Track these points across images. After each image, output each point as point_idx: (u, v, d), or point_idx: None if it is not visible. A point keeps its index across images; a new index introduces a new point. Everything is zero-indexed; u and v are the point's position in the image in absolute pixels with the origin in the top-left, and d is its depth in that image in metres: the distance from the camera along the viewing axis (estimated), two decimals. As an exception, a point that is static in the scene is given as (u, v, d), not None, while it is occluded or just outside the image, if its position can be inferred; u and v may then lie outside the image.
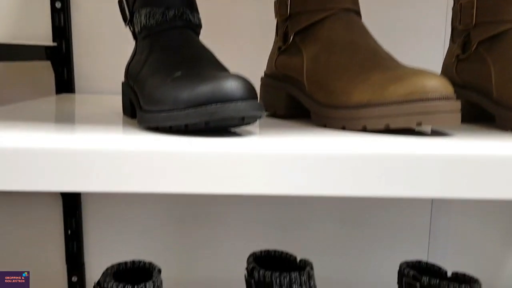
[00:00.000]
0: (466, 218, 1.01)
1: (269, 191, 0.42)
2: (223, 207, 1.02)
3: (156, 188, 0.42)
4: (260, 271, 0.66)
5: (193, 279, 1.04)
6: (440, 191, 0.42)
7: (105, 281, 0.64)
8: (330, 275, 1.03)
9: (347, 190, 0.42)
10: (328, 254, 1.02)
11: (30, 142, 0.42)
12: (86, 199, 1.02)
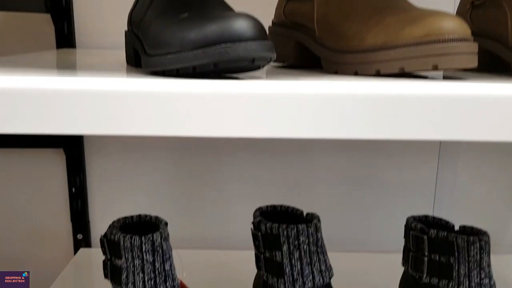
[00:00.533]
0: (472, 174, 1.00)
1: (276, 134, 0.41)
2: (228, 165, 1.01)
3: (160, 131, 0.41)
4: (267, 224, 0.66)
5: (199, 236, 1.05)
6: (452, 133, 0.41)
7: (112, 233, 0.63)
8: (336, 232, 1.03)
9: (357, 132, 0.41)
10: (334, 212, 1.02)
11: (31, 84, 0.40)
12: (90, 156, 1.01)
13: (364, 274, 0.91)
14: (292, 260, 0.64)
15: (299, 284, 0.64)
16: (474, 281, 0.63)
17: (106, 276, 0.65)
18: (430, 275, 0.67)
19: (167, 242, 0.63)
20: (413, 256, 0.69)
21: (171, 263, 0.63)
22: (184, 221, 1.03)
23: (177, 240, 1.02)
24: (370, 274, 0.91)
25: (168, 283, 0.61)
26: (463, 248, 0.63)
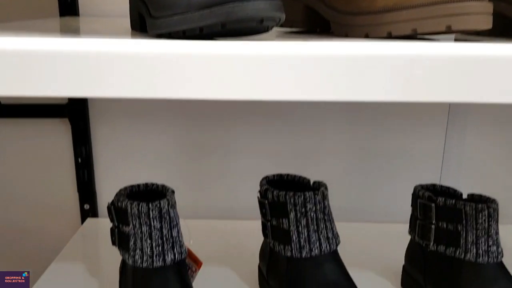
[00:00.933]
0: (480, 144, 0.99)
1: (284, 96, 0.40)
2: (235, 135, 1.00)
3: (165, 94, 0.40)
4: (274, 192, 0.66)
5: (205, 206, 1.05)
6: (463, 95, 0.40)
7: (119, 200, 0.63)
8: (343, 202, 1.03)
9: (367, 95, 0.40)
10: (341, 182, 1.02)
11: (34, 45, 0.39)
12: (95, 126, 1.01)
13: (370, 244, 0.92)
14: (299, 228, 0.64)
15: (306, 251, 0.64)
16: (482, 249, 0.62)
17: (114, 243, 0.66)
18: (437, 243, 0.67)
19: (174, 209, 0.63)
20: (420, 224, 0.69)
21: (179, 230, 0.63)
22: (190, 191, 1.04)
23: (183, 209, 1.02)
24: (377, 244, 0.91)
25: (176, 250, 0.61)
26: (471, 216, 0.63)
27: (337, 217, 1.01)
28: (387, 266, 0.82)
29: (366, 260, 0.84)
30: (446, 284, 0.65)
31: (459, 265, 0.64)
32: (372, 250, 0.89)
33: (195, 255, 0.71)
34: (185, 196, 1.03)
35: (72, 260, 0.85)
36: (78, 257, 0.87)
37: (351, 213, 1.03)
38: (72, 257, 0.87)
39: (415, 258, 0.72)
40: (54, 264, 0.84)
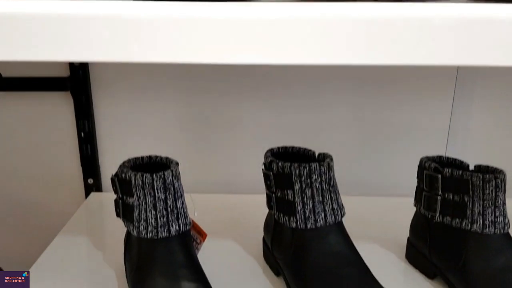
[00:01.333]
0: (486, 117, 0.98)
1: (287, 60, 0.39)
2: (239, 109, 1.00)
3: (168, 58, 0.39)
4: (279, 163, 0.65)
5: (209, 180, 1.05)
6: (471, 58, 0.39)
7: (123, 171, 0.63)
8: (347, 176, 1.02)
9: (376, 58, 0.39)
10: (346, 155, 1.01)
11: (31, 8, 0.38)
12: (98, 100, 1.00)
13: (375, 217, 0.92)
14: (304, 199, 0.64)
15: (311, 222, 0.63)
16: (488, 219, 0.62)
17: (118, 215, 0.66)
18: (443, 214, 0.66)
19: (179, 181, 0.62)
20: (425, 196, 0.68)
21: (183, 201, 0.63)
22: (194, 165, 1.03)
23: (187, 184, 1.02)
24: (382, 218, 0.91)
25: (181, 221, 0.61)
26: (478, 187, 0.62)
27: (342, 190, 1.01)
28: (392, 239, 0.81)
29: (371, 233, 0.84)
30: (452, 255, 0.65)
31: (465, 236, 0.64)
32: (377, 223, 0.89)
33: (200, 227, 0.71)
34: (189, 170, 1.03)
35: (77, 234, 0.85)
36: (83, 230, 0.87)
37: (356, 186, 1.03)
38: (77, 230, 0.87)
39: (420, 230, 0.72)
40: (59, 237, 0.84)
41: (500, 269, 0.61)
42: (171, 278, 0.58)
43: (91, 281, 0.72)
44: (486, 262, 0.62)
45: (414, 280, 0.71)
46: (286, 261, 0.67)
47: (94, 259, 0.77)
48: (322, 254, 0.63)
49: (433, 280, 0.70)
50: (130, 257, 0.64)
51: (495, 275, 0.61)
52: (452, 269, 0.65)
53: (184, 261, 0.60)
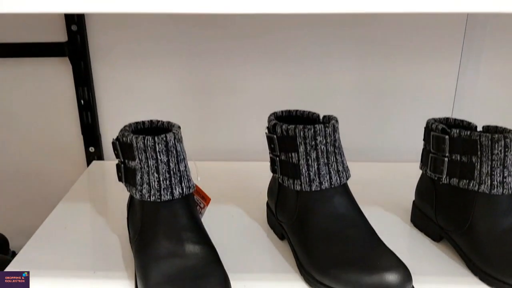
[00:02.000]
0: (494, 78, 0.96)
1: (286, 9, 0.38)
2: (242, 74, 0.98)
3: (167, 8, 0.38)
4: (283, 126, 0.64)
5: (212, 147, 1.03)
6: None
7: (124, 135, 0.62)
8: (353, 141, 1.01)
9: (382, 6, 0.37)
10: (351, 121, 1.00)
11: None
12: (97, 66, 0.98)
13: (381, 182, 0.91)
14: (308, 161, 0.62)
15: (316, 184, 0.63)
16: (497, 180, 0.61)
17: (120, 179, 0.65)
18: (449, 176, 0.65)
19: (181, 144, 0.61)
20: (432, 158, 0.67)
21: (186, 164, 0.62)
22: (197, 132, 1.02)
23: (189, 151, 1.01)
24: (387, 182, 0.91)
25: (184, 184, 0.60)
26: (486, 147, 0.61)
27: (347, 157, 1.00)
28: (397, 203, 0.81)
29: (376, 198, 0.83)
30: (458, 217, 0.64)
31: (472, 197, 0.63)
32: (382, 188, 0.88)
33: (204, 192, 0.71)
34: (191, 137, 1.02)
35: (79, 201, 0.85)
36: (85, 198, 0.87)
37: (361, 152, 1.02)
38: (79, 198, 0.86)
39: (426, 192, 0.71)
40: (61, 205, 0.83)
41: (507, 229, 0.60)
42: (175, 241, 0.57)
43: (94, 247, 0.71)
44: (493, 223, 0.61)
45: (420, 243, 0.71)
46: (291, 225, 0.66)
47: (97, 225, 0.77)
48: (327, 216, 0.62)
49: (439, 243, 0.70)
50: (133, 221, 0.64)
51: (502, 236, 0.60)
52: (459, 231, 0.64)
53: (188, 224, 0.59)
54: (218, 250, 0.61)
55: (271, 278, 0.63)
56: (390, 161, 1.00)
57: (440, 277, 0.62)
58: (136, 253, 0.60)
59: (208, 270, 0.54)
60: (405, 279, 0.53)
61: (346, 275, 0.55)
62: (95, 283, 0.61)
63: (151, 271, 0.55)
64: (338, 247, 0.59)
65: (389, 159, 1.01)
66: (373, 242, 0.60)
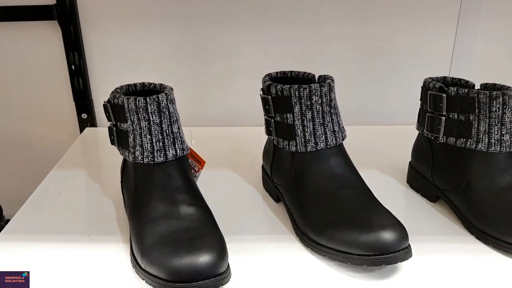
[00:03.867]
0: (491, 39, 0.94)
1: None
2: (235, 38, 0.96)
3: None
4: (278, 86, 0.62)
5: (207, 113, 1.02)
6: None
7: (115, 97, 0.60)
8: (350, 105, 1.00)
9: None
10: (348, 84, 0.98)
11: None
12: (87, 31, 0.96)
13: (378, 145, 0.90)
14: (304, 121, 0.61)
15: (311, 144, 0.62)
16: (494, 138, 0.60)
17: (113, 142, 0.64)
18: (446, 135, 0.64)
19: (174, 105, 0.60)
20: (429, 117, 0.66)
21: (179, 126, 0.60)
22: (191, 97, 1.01)
23: (183, 116, 1.00)
24: (384, 145, 0.90)
25: (177, 145, 0.59)
26: (484, 104, 0.60)
27: (345, 119, 0.99)
28: (393, 165, 0.80)
29: (373, 160, 0.83)
30: (455, 176, 0.64)
31: (469, 156, 0.62)
32: (379, 150, 0.88)
33: (198, 155, 0.70)
34: (186, 102, 1.00)
35: (72, 167, 0.84)
36: (78, 164, 0.86)
37: (359, 115, 1.01)
38: (72, 164, 0.85)
39: (423, 153, 0.70)
40: (54, 171, 0.83)
41: (505, 187, 0.60)
42: (170, 203, 0.56)
43: (88, 212, 0.71)
44: (491, 181, 0.60)
45: (416, 204, 0.71)
46: (286, 186, 0.65)
47: (91, 191, 0.76)
48: (323, 177, 0.61)
49: (435, 203, 0.70)
50: (127, 184, 0.63)
51: (499, 194, 0.60)
52: (455, 190, 0.64)
53: (183, 186, 0.58)
54: (214, 213, 0.60)
55: (267, 239, 0.63)
56: (388, 124, 0.99)
57: (436, 237, 0.63)
58: (131, 216, 0.59)
59: (203, 231, 0.54)
60: (401, 237, 0.53)
61: (341, 234, 0.55)
62: (89, 247, 0.61)
63: (145, 233, 0.55)
64: (334, 207, 0.58)
65: (387, 122, 1.00)
66: (369, 202, 0.59)
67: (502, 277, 0.55)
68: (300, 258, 0.58)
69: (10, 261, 0.58)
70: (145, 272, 0.52)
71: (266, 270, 0.56)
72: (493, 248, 0.59)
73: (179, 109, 0.63)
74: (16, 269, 0.55)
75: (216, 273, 0.49)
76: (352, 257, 0.54)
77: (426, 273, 0.55)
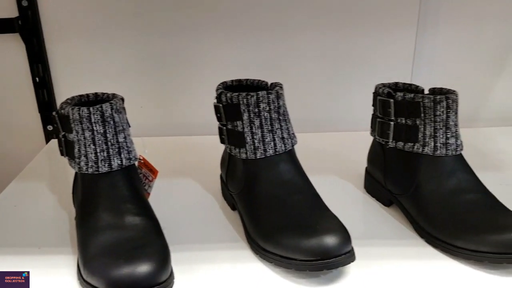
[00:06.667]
0: (451, 44, 0.95)
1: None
2: (197, 48, 0.96)
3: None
4: (228, 94, 0.63)
5: (169, 123, 1.02)
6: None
7: (62, 107, 0.60)
8: (313, 112, 1.01)
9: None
10: (310, 90, 0.99)
11: None
12: (51, 43, 0.96)
13: (339, 151, 0.91)
14: (253, 129, 0.62)
15: (260, 151, 0.62)
16: (440, 141, 0.61)
17: (62, 153, 0.63)
18: (396, 140, 0.65)
19: (120, 115, 0.60)
20: (379, 122, 0.67)
21: (126, 136, 0.60)
22: (155, 107, 1.00)
23: (146, 126, 1.00)
24: (345, 151, 0.90)
25: (123, 155, 0.59)
26: (429, 109, 0.60)
27: (307, 126, 1.00)
28: (353, 171, 0.80)
29: (333, 167, 0.83)
30: (405, 180, 0.64)
31: (417, 160, 0.63)
32: (340, 157, 0.88)
33: (151, 164, 0.70)
34: (149, 112, 1.00)
35: (33, 179, 0.84)
36: (39, 176, 0.85)
37: (322, 122, 1.01)
38: (33, 176, 0.85)
39: (376, 158, 0.71)
40: (14, 183, 0.82)
41: (451, 190, 0.60)
42: (114, 213, 0.56)
43: (42, 224, 0.70)
44: (438, 184, 0.61)
45: (371, 208, 0.71)
46: (239, 194, 0.65)
47: (48, 203, 0.76)
48: (272, 183, 0.61)
49: (389, 208, 0.70)
50: (76, 196, 0.63)
51: (446, 197, 0.60)
52: (406, 194, 0.64)
53: (128, 196, 0.58)
54: (169, 223, 0.60)
55: (218, 248, 0.62)
56: (351, 130, 1.00)
57: (387, 241, 0.63)
58: (77, 227, 0.59)
59: (146, 241, 0.54)
60: (343, 241, 0.53)
61: (286, 240, 0.55)
62: (39, 259, 0.61)
63: (89, 243, 0.54)
64: (282, 213, 0.58)
65: (349, 128, 1.00)
66: (317, 207, 0.59)
67: (449, 281, 0.55)
68: (248, 265, 0.58)
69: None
70: (87, 283, 0.52)
71: (213, 279, 0.56)
72: (442, 251, 0.59)
73: (140, 120, 0.63)
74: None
75: (155, 282, 0.49)
76: (295, 263, 0.54)
77: (373, 277, 0.55)
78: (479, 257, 0.55)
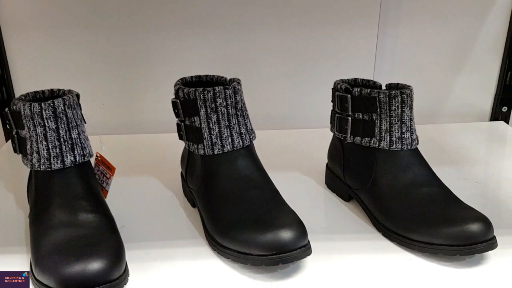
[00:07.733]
0: (411, 41, 0.97)
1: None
2: (160, 45, 0.95)
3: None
4: (185, 89, 0.62)
5: (132, 120, 1.01)
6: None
7: (14, 103, 0.59)
8: (276, 108, 1.01)
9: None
10: (273, 87, 0.99)
11: None
12: (9, 39, 0.93)
13: (302, 148, 0.91)
14: (210, 124, 0.61)
15: (218, 147, 0.62)
16: (395, 136, 0.61)
17: (15, 150, 0.62)
18: (353, 135, 0.65)
19: (74, 110, 0.59)
20: (338, 118, 0.67)
21: (80, 132, 0.59)
22: (117, 106, 0.99)
23: (109, 126, 0.98)
24: (309, 148, 0.91)
25: (77, 151, 0.58)
26: (385, 103, 0.61)
27: (271, 123, 1.00)
28: (315, 167, 0.81)
29: (295, 163, 0.84)
30: (363, 175, 0.65)
31: (374, 154, 0.63)
32: (303, 153, 0.88)
33: (108, 162, 0.68)
34: (111, 111, 0.99)
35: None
36: (0, 173, 0.83)
37: (285, 118, 1.02)
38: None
39: (336, 153, 0.71)
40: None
41: (407, 184, 0.61)
42: (68, 210, 0.55)
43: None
44: (394, 179, 0.61)
45: (331, 203, 0.71)
46: (198, 190, 0.65)
47: (4, 202, 0.74)
48: (229, 179, 0.61)
49: (349, 202, 0.71)
50: (30, 194, 0.61)
51: (401, 191, 0.61)
52: (363, 189, 0.65)
53: (82, 193, 0.57)
54: (127, 221, 0.59)
55: (175, 245, 0.62)
56: (314, 127, 1.00)
57: (345, 235, 0.63)
58: (30, 225, 0.57)
59: (100, 238, 0.53)
60: (298, 236, 0.53)
61: (242, 235, 0.54)
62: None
63: (41, 242, 0.53)
64: (239, 209, 0.58)
65: (313, 125, 1.01)
66: (274, 203, 0.59)
67: (405, 273, 0.55)
68: (205, 262, 0.58)
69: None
70: (38, 281, 0.51)
71: (169, 276, 0.55)
72: (398, 245, 0.60)
73: (101, 117, 0.62)
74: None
75: (107, 280, 0.48)
76: (252, 258, 0.53)
77: (330, 271, 0.56)
78: (434, 249, 0.56)
